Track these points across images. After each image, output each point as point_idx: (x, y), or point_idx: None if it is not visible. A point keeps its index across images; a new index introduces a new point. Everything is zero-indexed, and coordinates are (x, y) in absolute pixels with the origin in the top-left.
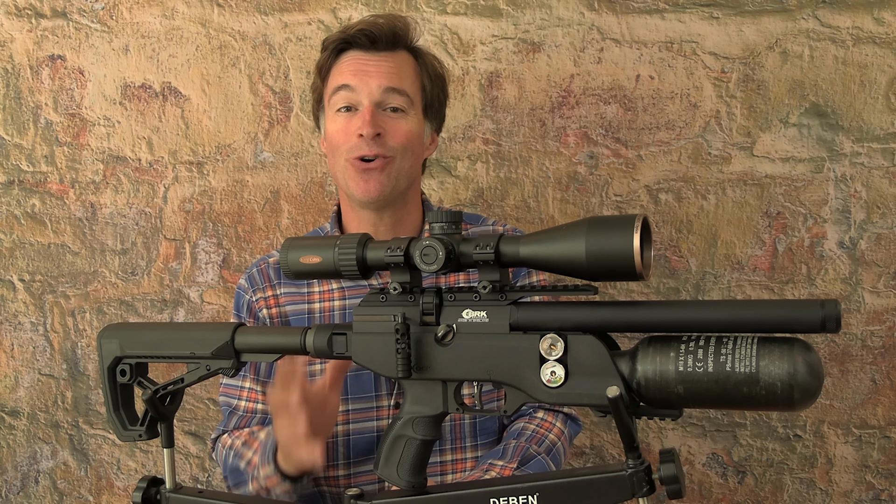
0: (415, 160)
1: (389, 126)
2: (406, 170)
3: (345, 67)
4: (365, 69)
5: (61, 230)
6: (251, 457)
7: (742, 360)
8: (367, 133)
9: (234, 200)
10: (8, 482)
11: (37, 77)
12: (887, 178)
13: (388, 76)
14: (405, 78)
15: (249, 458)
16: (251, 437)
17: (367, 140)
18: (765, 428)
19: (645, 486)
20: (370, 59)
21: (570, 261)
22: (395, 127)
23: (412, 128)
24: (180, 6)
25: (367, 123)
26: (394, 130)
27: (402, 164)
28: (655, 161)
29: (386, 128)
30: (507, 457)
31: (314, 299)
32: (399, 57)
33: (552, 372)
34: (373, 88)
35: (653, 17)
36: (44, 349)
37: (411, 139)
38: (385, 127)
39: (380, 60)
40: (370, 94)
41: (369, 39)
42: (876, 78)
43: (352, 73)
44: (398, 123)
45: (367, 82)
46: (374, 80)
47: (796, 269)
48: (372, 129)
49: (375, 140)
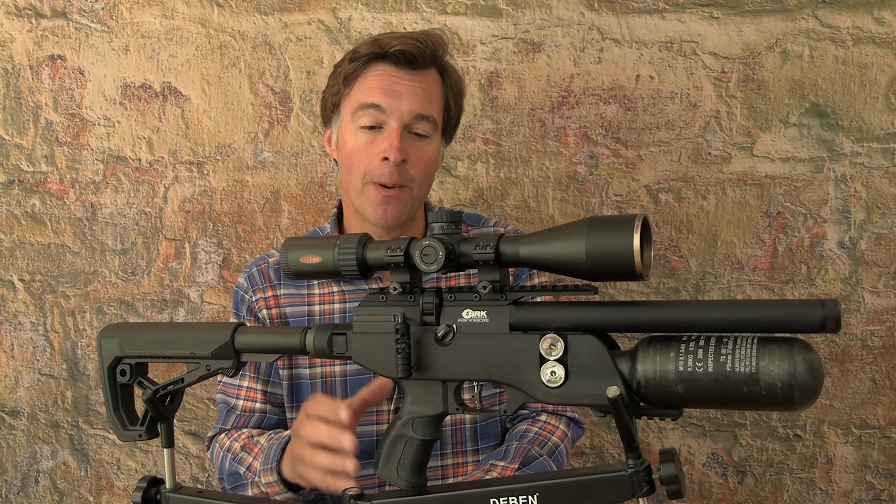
0: (429, 184)
1: (413, 153)
2: (422, 196)
3: (374, 83)
4: (397, 89)
5: (61, 230)
6: (251, 462)
7: (742, 360)
8: (394, 158)
9: (234, 200)
10: (8, 482)
11: (37, 77)
12: (887, 178)
13: (420, 101)
14: (433, 102)
15: (249, 464)
16: (250, 442)
17: (392, 166)
18: (765, 428)
19: (645, 486)
20: (402, 79)
21: (570, 261)
22: (417, 154)
23: (432, 154)
24: (180, 6)
25: (395, 149)
26: (416, 157)
27: (419, 191)
28: (655, 161)
29: (410, 154)
30: (509, 458)
31: (314, 301)
32: (429, 77)
33: (552, 372)
34: (403, 112)
35: (653, 17)
36: (44, 349)
37: (430, 165)
38: (410, 153)
39: (411, 81)
40: (400, 117)
41: (407, 59)
42: (876, 78)
43: (382, 91)
44: (421, 150)
45: (399, 105)
46: (405, 103)
47: (796, 269)
48: (399, 154)
49: (399, 167)
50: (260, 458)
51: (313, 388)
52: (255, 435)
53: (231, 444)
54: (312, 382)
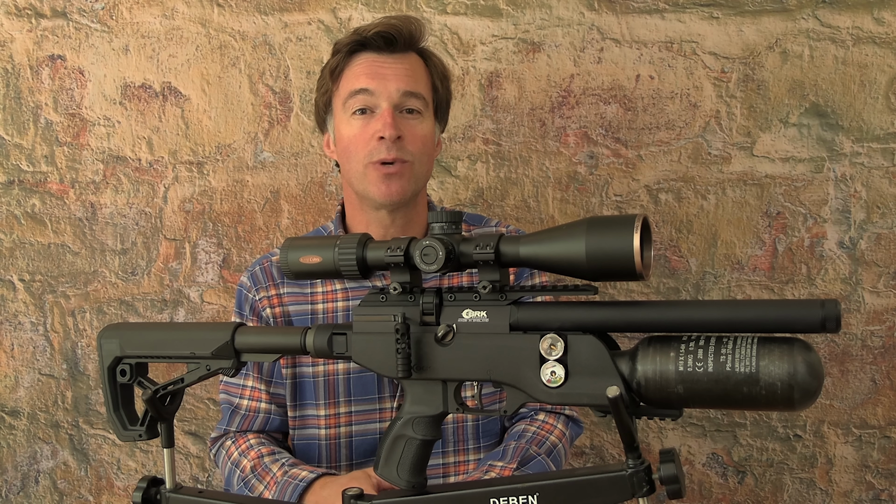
0: (429, 163)
1: (407, 130)
2: (423, 173)
3: (360, 70)
4: (381, 72)
5: (61, 230)
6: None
7: (742, 360)
8: (388, 135)
9: (234, 200)
10: (8, 482)
11: (37, 77)
12: (887, 178)
13: (406, 79)
14: (420, 80)
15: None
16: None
17: (388, 143)
18: (765, 428)
19: (645, 486)
20: (385, 62)
21: (570, 261)
22: (412, 131)
23: (427, 131)
24: (180, 6)
25: (388, 126)
26: (412, 135)
27: (420, 168)
28: (655, 161)
29: (405, 131)
30: (507, 457)
31: (317, 300)
32: (412, 59)
33: (552, 372)
34: (391, 91)
35: (653, 17)
36: (44, 349)
37: (427, 143)
38: (404, 130)
39: (395, 63)
40: (389, 97)
41: (386, 41)
42: (876, 78)
43: (368, 76)
44: (415, 127)
45: (386, 85)
46: (392, 83)
47: (796, 269)
48: (394, 131)
49: (396, 143)
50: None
51: (316, 388)
52: (264, 455)
53: (239, 460)
54: (315, 381)
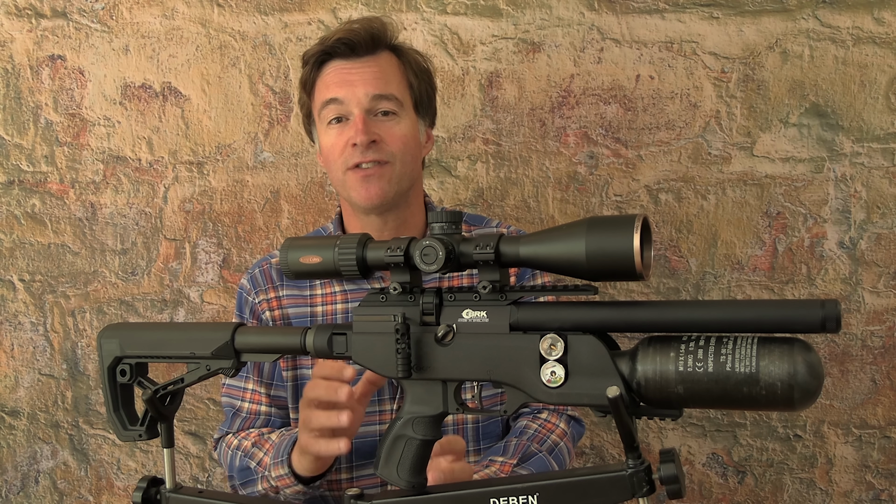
0: (414, 162)
1: (384, 132)
2: (407, 173)
3: (329, 80)
4: (349, 78)
5: (61, 230)
6: (262, 457)
7: (742, 360)
8: (360, 141)
9: (234, 200)
10: (8, 482)
11: (37, 77)
12: (887, 178)
13: (374, 82)
14: (391, 81)
15: (260, 459)
16: (261, 438)
17: (362, 148)
18: (765, 428)
19: (645, 486)
20: (353, 68)
21: (570, 261)
22: (389, 132)
23: (406, 130)
24: (180, 6)
25: (360, 132)
26: (389, 136)
27: (403, 168)
28: (655, 161)
29: (381, 134)
30: (509, 453)
31: (316, 302)
32: (381, 59)
33: (552, 372)
34: (360, 97)
35: (653, 17)
36: (44, 349)
37: (407, 142)
38: (380, 133)
39: (363, 67)
40: (359, 103)
41: (349, 47)
42: (876, 78)
43: (337, 84)
44: (392, 128)
45: (354, 92)
46: (360, 88)
47: (796, 269)
48: (366, 136)
49: (370, 147)
50: (271, 453)
51: None
52: (265, 433)
53: (241, 443)
54: None
